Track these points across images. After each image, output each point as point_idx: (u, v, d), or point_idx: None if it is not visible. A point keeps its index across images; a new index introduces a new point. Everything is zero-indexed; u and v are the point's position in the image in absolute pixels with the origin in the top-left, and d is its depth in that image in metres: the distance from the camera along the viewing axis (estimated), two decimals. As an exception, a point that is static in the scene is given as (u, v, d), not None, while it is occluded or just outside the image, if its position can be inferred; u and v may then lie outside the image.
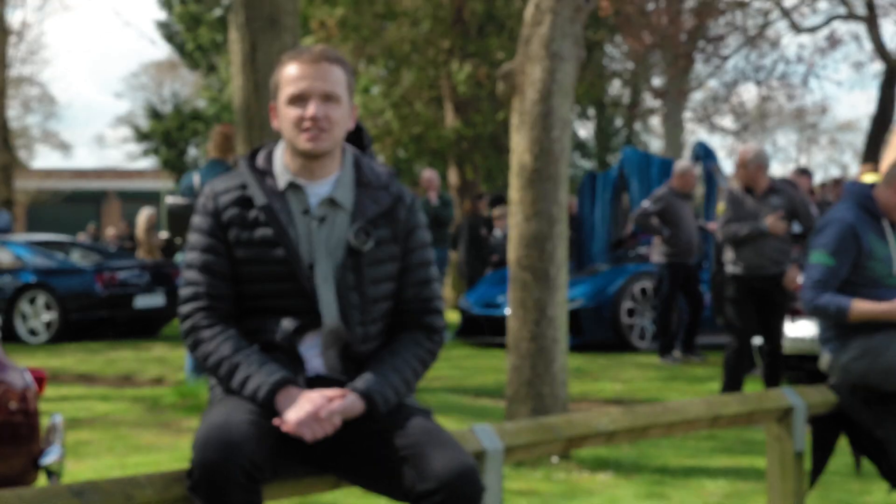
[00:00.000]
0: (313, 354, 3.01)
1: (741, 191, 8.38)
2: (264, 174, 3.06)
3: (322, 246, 3.00)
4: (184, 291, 3.03)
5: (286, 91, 3.03)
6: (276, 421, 2.81)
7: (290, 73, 3.03)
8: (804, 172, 12.55)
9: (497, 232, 15.78)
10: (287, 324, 2.97)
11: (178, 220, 8.56)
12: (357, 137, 3.25)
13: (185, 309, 3.02)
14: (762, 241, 8.22)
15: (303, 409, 2.80)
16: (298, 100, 3.01)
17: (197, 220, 3.06)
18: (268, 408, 2.83)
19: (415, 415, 2.95)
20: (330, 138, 3.01)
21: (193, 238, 3.05)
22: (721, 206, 8.34)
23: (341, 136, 3.07)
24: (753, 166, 8.32)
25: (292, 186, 3.04)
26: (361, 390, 2.89)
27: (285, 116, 3.04)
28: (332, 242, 3.01)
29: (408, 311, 3.10)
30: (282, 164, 3.08)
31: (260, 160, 3.10)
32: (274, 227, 2.97)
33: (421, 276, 3.11)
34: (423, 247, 3.13)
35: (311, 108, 2.98)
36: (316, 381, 2.97)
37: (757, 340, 8.58)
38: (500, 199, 18.11)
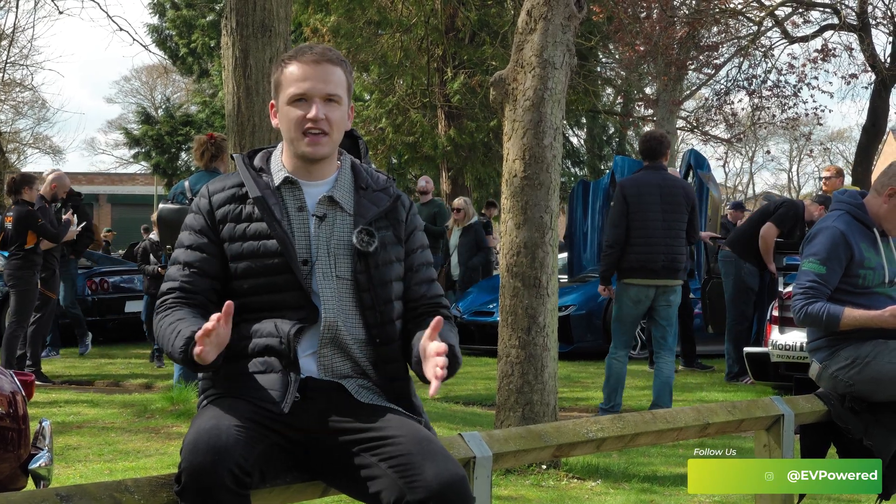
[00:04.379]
0: (307, 356, 3.00)
1: None
2: (260, 171, 3.08)
3: (323, 244, 3.01)
4: (163, 286, 3.05)
5: (288, 91, 3.04)
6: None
7: (293, 73, 3.04)
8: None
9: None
10: (285, 326, 2.95)
11: (170, 226, 8.50)
12: (353, 147, 3.25)
13: (159, 300, 3.03)
14: None
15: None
16: (300, 100, 3.02)
17: (189, 217, 3.08)
18: (190, 362, 2.79)
19: (407, 422, 2.94)
20: (330, 142, 3.04)
21: (182, 235, 3.07)
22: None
23: (340, 138, 3.09)
24: None
25: (287, 182, 3.05)
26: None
27: (286, 116, 3.04)
28: (335, 242, 3.02)
29: (421, 308, 3.13)
30: (279, 163, 3.09)
31: (256, 159, 3.13)
32: (266, 220, 2.98)
33: (427, 276, 3.17)
34: (423, 247, 3.18)
35: (314, 110, 2.99)
36: (308, 383, 2.96)
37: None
38: (492, 205, 18.17)
